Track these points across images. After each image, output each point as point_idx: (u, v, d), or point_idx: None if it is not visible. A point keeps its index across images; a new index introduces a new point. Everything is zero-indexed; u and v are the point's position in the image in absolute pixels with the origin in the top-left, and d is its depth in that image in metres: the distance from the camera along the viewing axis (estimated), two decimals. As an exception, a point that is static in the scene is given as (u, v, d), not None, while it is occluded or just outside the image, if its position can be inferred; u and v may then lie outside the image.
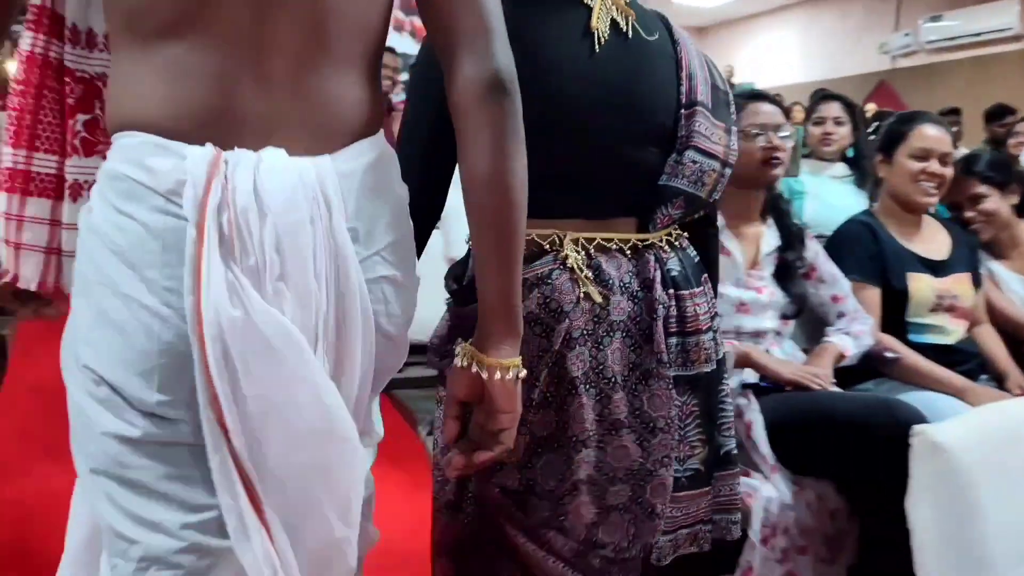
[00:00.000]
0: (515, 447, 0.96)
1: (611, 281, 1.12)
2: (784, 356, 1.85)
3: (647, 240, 1.17)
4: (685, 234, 1.25)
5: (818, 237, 2.06)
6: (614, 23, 1.13)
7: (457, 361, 0.90)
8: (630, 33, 1.14)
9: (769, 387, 1.78)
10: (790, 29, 10.13)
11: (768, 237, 1.89)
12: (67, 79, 0.91)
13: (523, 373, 0.91)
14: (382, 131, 0.89)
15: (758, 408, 1.71)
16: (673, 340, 1.17)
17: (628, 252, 1.15)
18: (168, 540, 0.74)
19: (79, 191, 0.99)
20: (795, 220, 1.96)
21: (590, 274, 1.11)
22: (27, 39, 0.88)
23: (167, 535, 0.74)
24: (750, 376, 1.79)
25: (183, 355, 0.72)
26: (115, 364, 0.73)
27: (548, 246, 1.11)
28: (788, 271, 1.88)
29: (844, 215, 2.19)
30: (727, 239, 1.83)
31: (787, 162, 1.88)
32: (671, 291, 1.17)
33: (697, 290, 1.21)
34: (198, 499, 0.75)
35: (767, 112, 1.84)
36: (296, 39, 0.78)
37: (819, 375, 1.75)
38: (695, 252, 1.25)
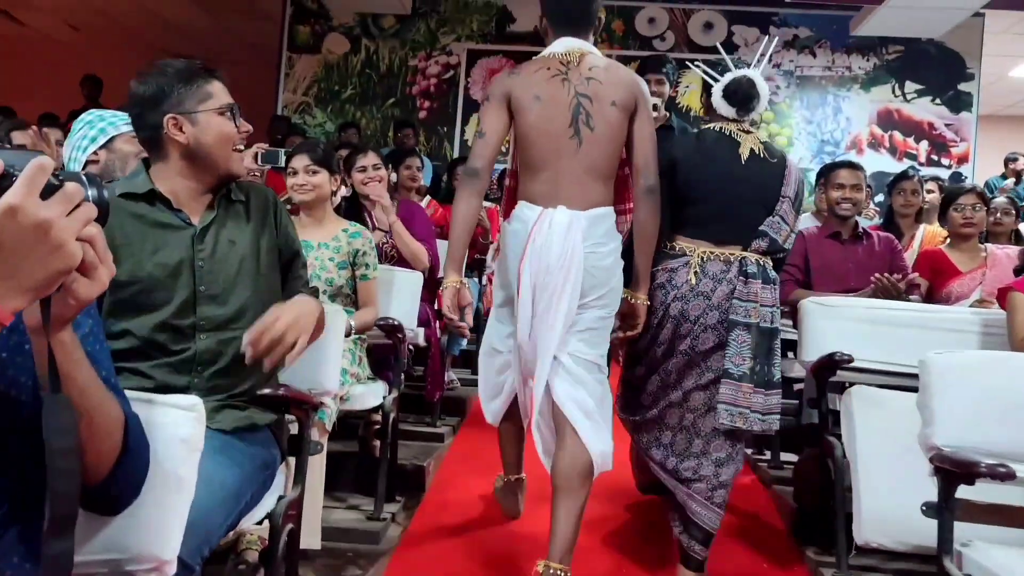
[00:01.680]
0: (640, 338, 2.42)
1: (708, 272, 2.35)
2: None
3: (743, 255, 2.37)
4: (769, 260, 2.43)
5: None
6: (751, 150, 2.43)
7: (624, 296, 2.34)
8: (760, 155, 2.44)
9: None
10: None
11: None
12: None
13: (647, 302, 2.35)
14: (612, 202, 2.32)
15: None
16: (739, 302, 2.31)
17: (729, 259, 2.37)
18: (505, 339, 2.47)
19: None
20: None
21: (699, 269, 2.35)
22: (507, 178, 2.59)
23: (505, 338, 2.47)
24: None
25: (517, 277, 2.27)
26: (504, 279, 2.42)
27: (688, 251, 2.38)
28: None
29: None
30: None
31: None
32: (743, 278, 2.32)
33: (765, 285, 2.33)
34: (510, 329, 2.41)
35: None
36: (578, 171, 2.26)
37: None
38: (773, 272, 2.42)
